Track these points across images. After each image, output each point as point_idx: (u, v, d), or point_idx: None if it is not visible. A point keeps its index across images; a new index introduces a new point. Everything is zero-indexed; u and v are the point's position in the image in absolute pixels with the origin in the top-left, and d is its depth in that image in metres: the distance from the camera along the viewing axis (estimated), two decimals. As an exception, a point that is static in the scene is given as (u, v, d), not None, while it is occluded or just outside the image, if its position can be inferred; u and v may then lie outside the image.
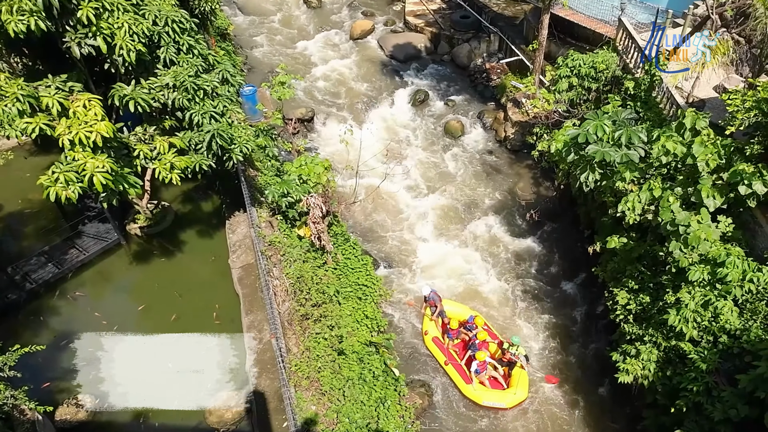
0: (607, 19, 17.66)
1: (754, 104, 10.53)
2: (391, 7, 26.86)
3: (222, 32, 21.83)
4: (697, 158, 10.19)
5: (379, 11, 26.48)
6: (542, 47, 17.50)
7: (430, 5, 25.26)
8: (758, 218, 10.07)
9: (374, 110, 20.39)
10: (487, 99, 20.44)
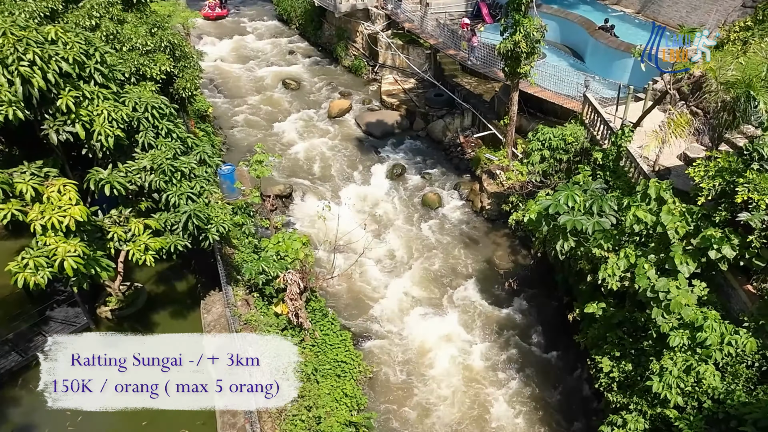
0: (573, 94, 18.85)
1: (717, 174, 11.22)
2: (368, 87, 28.35)
3: (201, 114, 22.68)
4: (666, 226, 10.68)
5: (356, 91, 27.89)
6: (513, 122, 18.54)
7: (405, 84, 26.76)
8: (731, 281, 10.42)
9: (352, 185, 20.99)
10: (463, 171, 21.27)
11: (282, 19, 37.25)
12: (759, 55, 13.23)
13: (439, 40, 24.83)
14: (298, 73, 30.06)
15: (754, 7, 17.37)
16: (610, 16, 23.69)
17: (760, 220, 9.68)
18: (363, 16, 29.70)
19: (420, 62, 26.76)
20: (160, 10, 18.79)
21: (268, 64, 31.21)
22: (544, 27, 17.02)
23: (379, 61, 28.87)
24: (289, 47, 33.44)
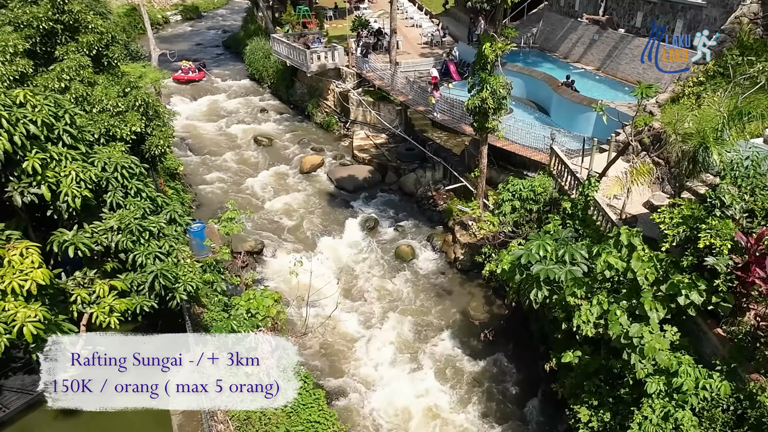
0: (541, 147, 19.65)
1: (681, 221, 11.74)
2: (340, 142, 29.03)
3: (172, 172, 22.78)
4: (636, 272, 11.03)
5: (328, 146, 28.51)
6: (484, 174, 19.16)
7: (376, 140, 27.49)
8: (701, 325, 10.71)
9: (325, 239, 21.11)
10: (436, 223, 21.65)
11: (254, 78, 38.28)
12: (712, 108, 14.21)
13: (409, 96, 25.80)
14: (269, 130, 30.64)
15: (704, 64, 18.75)
16: (571, 72, 25.10)
17: (725, 264, 10.09)
18: (334, 75, 30.77)
19: (391, 118, 27.64)
20: (131, 72, 19.20)
21: (239, 121, 31.81)
22: (510, 84, 17.94)
23: (351, 118, 29.72)
24: (260, 105, 34.22)
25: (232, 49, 45.01)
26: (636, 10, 25.20)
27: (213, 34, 51.26)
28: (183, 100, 34.93)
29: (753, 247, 9.80)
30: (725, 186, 11.10)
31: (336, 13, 43.27)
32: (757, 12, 18.38)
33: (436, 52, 32.68)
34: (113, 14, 40.02)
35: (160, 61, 36.21)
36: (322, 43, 32.42)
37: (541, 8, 33.45)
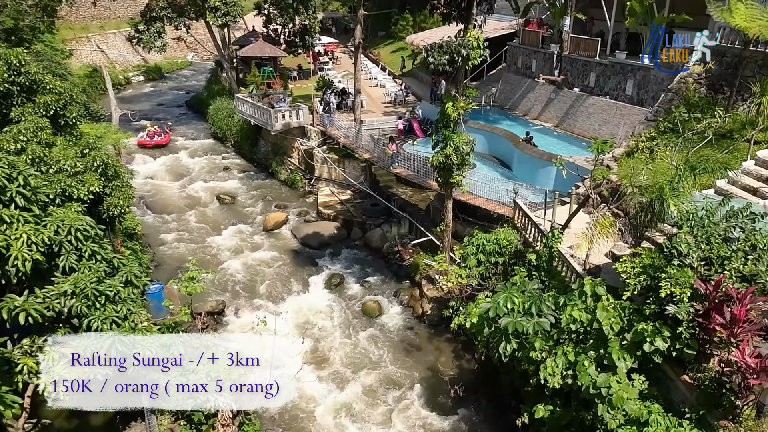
0: (504, 200, 20.27)
1: (642, 270, 12.17)
2: (304, 199, 29.23)
3: (130, 232, 22.39)
4: (602, 323, 11.28)
5: (292, 203, 28.64)
6: (449, 228, 19.55)
7: (341, 196, 27.82)
8: (668, 373, 10.91)
9: (289, 298, 20.86)
10: (402, 278, 21.74)
11: (217, 137, 38.63)
12: (665, 161, 15.07)
13: (374, 153, 26.45)
14: (232, 188, 30.68)
15: (655, 120, 19.99)
16: (531, 129, 26.34)
17: (686, 311, 10.43)
18: (299, 133, 31.38)
19: (356, 174, 28.13)
20: (91, 132, 19.18)
21: (202, 180, 31.79)
22: (473, 141, 18.67)
23: (316, 175, 30.12)
24: (223, 163, 34.38)
25: (195, 109, 45.50)
26: (589, 71, 26.94)
27: (176, 95, 51.85)
28: (144, 158, 34.81)
29: (712, 294, 10.17)
30: (682, 236, 11.60)
31: (300, 73, 44.63)
32: (701, 72, 19.90)
33: (400, 110, 33.85)
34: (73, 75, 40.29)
35: (122, 122, 36.26)
36: (287, 102, 33.29)
37: (500, 69, 35.39)
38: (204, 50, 62.43)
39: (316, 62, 45.75)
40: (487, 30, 23.75)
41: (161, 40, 36.61)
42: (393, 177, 26.78)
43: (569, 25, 28.02)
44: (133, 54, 59.39)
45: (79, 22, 57.67)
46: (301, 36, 41.41)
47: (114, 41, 58.40)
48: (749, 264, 10.69)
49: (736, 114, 17.57)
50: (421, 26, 47.68)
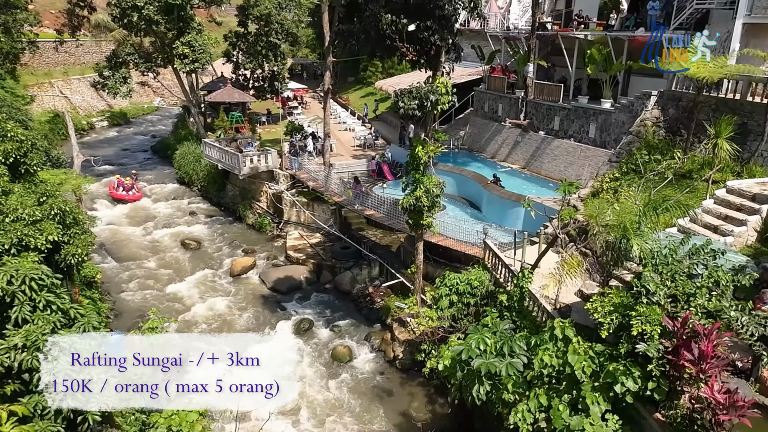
0: (474, 241, 20.52)
1: (612, 309, 12.38)
2: (273, 243, 29.00)
3: (88, 281, 21.76)
4: (574, 367, 11.36)
5: (260, 247, 28.37)
6: (420, 270, 19.62)
7: (311, 239, 27.73)
8: (641, 411, 10.96)
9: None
10: (373, 321, 21.56)
11: (183, 182, 38.36)
12: (628, 201, 15.60)
13: (343, 196, 26.60)
14: (198, 233, 30.28)
15: (618, 162, 20.79)
16: (499, 171, 27.00)
17: (656, 349, 10.59)
18: (267, 177, 31.46)
19: (325, 217, 28.16)
20: (51, 179, 18.85)
21: (166, 225, 31.34)
22: (443, 183, 19.03)
23: (284, 218, 30.05)
24: (189, 208, 34.04)
25: (160, 154, 45.29)
26: (553, 115, 28.00)
27: (141, 139, 51.60)
28: (106, 204, 34.24)
29: (680, 331, 10.38)
30: (648, 274, 11.89)
31: (269, 118, 45.11)
32: (659, 116, 20.94)
33: (369, 153, 34.35)
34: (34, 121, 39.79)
35: (84, 167, 35.73)
36: (255, 146, 33.51)
37: (467, 113, 36.48)
38: (171, 95, 62.73)
39: (285, 107, 46.38)
40: (455, 76, 24.62)
41: (126, 85, 36.68)
42: (363, 219, 26.91)
43: (533, 72, 29.24)
44: (98, 99, 59.19)
45: (42, 68, 57.45)
46: (270, 81, 42.12)
47: (78, 87, 58.19)
48: (713, 300, 10.99)
49: (694, 155, 18.45)
50: (389, 72, 49.06)
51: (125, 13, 32.57)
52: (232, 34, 40.67)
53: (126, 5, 32.17)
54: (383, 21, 17.73)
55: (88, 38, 60.81)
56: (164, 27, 34.13)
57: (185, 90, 39.53)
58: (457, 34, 19.77)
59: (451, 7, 17.46)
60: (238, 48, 40.92)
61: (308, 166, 30.80)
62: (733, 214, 14.90)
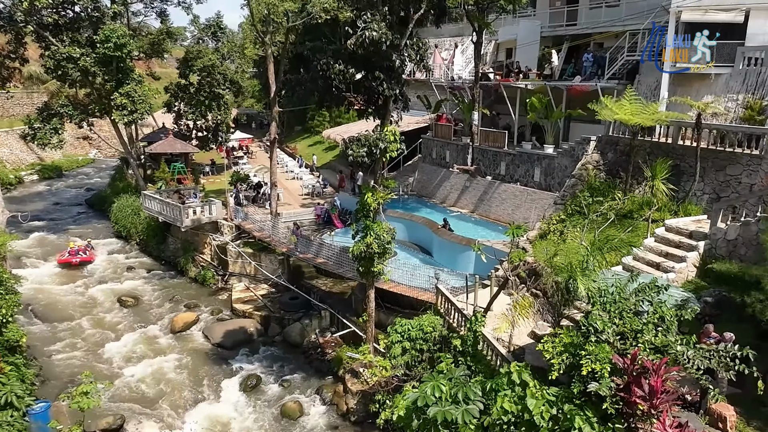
0: (426, 286, 20.67)
1: (563, 349, 12.64)
2: (217, 296, 28.27)
3: (12, 345, 20.45)
4: (533, 412, 11.45)
5: (204, 302, 27.56)
6: (372, 318, 19.54)
7: (257, 291, 27.21)
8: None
9: (200, 405, 19.52)
10: (325, 373, 21.08)
11: (121, 236, 37.23)
12: (575, 242, 16.23)
13: (291, 246, 26.41)
14: (136, 289, 29.19)
15: (563, 204, 21.70)
16: (448, 215, 27.61)
17: (608, 387, 10.83)
18: (211, 229, 30.96)
19: (273, 268, 27.78)
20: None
21: (101, 282, 30.10)
22: (393, 229, 19.26)
23: (229, 270, 29.48)
24: (127, 263, 32.89)
25: (96, 208, 43.91)
26: (499, 160, 29.15)
27: (75, 193, 49.91)
28: (34, 262, 32.61)
29: (630, 367, 10.68)
30: (596, 312, 12.27)
31: (213, 168, 44.80)
32: (598, 160, 22.15)
33: (317, 202, 34.49)
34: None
35: (10, 224, 34.05)
36: (198, 197, 33.08)
37: (416, 160, 37.43)
38: (109, 147, 61.36)
39: (229, 157, 46.25)
40: (403, 124, 25.40)
41: (58, 136, 35.64)
42: (313, 268, 26.73)
43: (478, 119, 30.54)
44: (27, 152, 57.24)
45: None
46: (214, 132, 42.09)
47: (5, 140, 56.17)
48: (660, 335, 11.41)
49: (633, 196, 19.55)
50: (337, 121, 50.00)
51: (60, 65, 32.07)
52: (173, 85, 40.71)
53: (61, 57, 31.73)
54: (331, 71, 18.25)
55: (18, 90, 59.38)
56: (102, 78, 33.80)
57: (124, 141, 38.86)
58: (404, 85, 20.54)
59: (398, 60, 18.18)
60: (180, 99, 40.92)
61: (254, 216, 30.55)
62: (673, 251, 15.74)
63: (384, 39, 17.20)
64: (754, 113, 19.01)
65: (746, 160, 17.33)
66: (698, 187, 18.44)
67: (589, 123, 24.67)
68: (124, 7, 37.56)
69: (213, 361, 22.24)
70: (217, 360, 22.33)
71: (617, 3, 28.56)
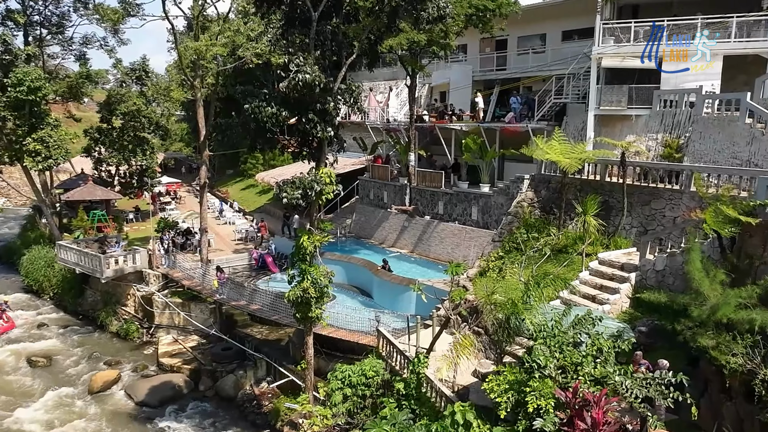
0: (367, 330, 20.56)
1: (507, 387, 12.84)
2: (141, 351, 26.97)
3: None
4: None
5: (127, 358, 26.22)
6: (311, 365, 19.16)
7: (187, 343, 26.20)
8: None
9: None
10: (261, 427, 20.43)
11: (31, 290, 35.16)
12: (513, 278, 16.75)
13: (223, 294, 25.75)
14: (49, 348, 27.41)
15: (501, 241, 22.41)
16: (388, 256, 27.82)
17: (552, 423, 11.05)
18: (135, 279, 29.82)
19: (204, 318, 26.90)
20: None
21: (8, 342, 27.97)
22: (331, 272, 19.18)
23: (156, 322, 28.35)
24: (38, 320, 30.93)
25: (3, 260, 41.36)
26: (437, 200, 29.89)
27: (-22, 246, 46.76)
28: None
29: (572, 401, 10.96)
30: (538, 347, 12.60)
31: (138, 215, 43.46)
32: (533, 197, 23.18)
33: (251, 247, 33.95)
34: None
35: None
36: (121, 246, 31.97)
37: (353, 201, 37.74)
38: (20, 195, 58.19)
39: (156, 203, 44.99)
40: (339, 166, 25.68)
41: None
42: (247, 316, 26.08)
43: (414, 160, 31.38)
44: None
45: None
46: (139, 177, 40.97)
47: None
48: (599, 367, 11.83)
49: (567, 231, 20.50)
50: (271, 164, 49.92)
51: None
52: (94, 129, 39.55)
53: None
54: (263, 114, 18.35)
55: None
56: (13, 123, 32.38)
57: (37, 189, 37.07)
58: (339, 127, 20.91)
59: (331, 102, 18.55)
60: (102, 143, 39.74)
61: (183, 263, 29.64)
62: (607, 283, 16.52)
63: (317, 82, 17.54)
64: (672, 151, 20.62)
65: (668, 195, 18.64)
66: (627, 221, 19.59)
67: (522, 162, 25.86)
68: (39, 50, 36.41)
69: (137, 422, 21.01)
70: (142, 420, 21.11)
71: (543, 50, 30.66)
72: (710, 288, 12.14)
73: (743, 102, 18.79)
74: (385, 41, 24.71)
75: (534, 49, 31.27)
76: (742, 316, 11.15)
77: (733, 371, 10.81)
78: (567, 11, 28.82)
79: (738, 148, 18.70)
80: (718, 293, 12.01)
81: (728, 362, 10.80)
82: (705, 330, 11.56)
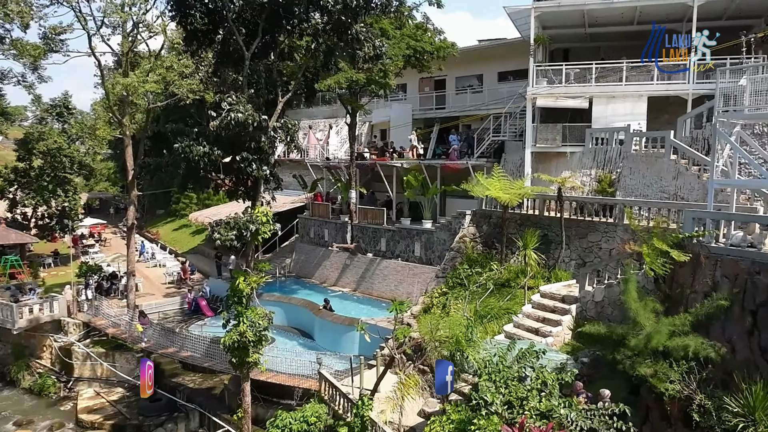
0: (308, 373, 20.14)
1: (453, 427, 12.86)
2: (58, 407, 25.32)
3: None
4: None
5: (41, 415, 24.53)
6: (248, 414, 18.52)
7: (110, 396, 24.89)
8: None
9: None
10: (196, 486, 19.37)
11: None
12: (458, 314, 16.97)
13: (151, 342, 24.76)
14: (-50, 409, 25.19)
15: (444, 277, 22.74)
16: (329, 295, 27.63)
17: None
18: (52, 328, 28.27)
19: (130, 368, 25.61)
20: None
21: None
22: (270, 314, 18.85)
23: (75, 375, 26.79)
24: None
25: None
26: (380, 237, 30.13)
27: None
28: None
29: (519, 436, 11.13)
30: (484, 384, 12.76)
31: (57, 259, 41.57)
32: (475, 232, 23.76)
33: (183, 290, 32.93)
34: None
35: None
36: (37, 294, 30.41)
37: (293, 240, 37.43)
38: None
39: (77, 246, 43.06)
40: (277, 204, 25.54)
41: None
42: (178, 364, 25.05)
43: (356, 197, 31.65)
44: None
45: None
46: (59, 219, 39.28)
47: None
48: (544, 401, 12.10)
49: (509, 265, 21.07)
50: (205, 203, 48.98)
51: None
52: (8, 169, 37.78)
53: None
54: (194, 153, 18.14)
55: None
56: None
57: (-61, 234, 34.86)
58: (276, 165, 20.88)
59: (266, 141, 18.56)
60: (17, 184, 37.97)
61: (108, 310, 28.32)
62: (549, 315, 17.00)
63: (251, 120, 17.56)
64: (605, 185, 21.80)
65: (603, 228, 19.60)
66: (566, 254, 20.37)
67: (463, 198, 26.58)
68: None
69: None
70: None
71: (481, 89, 32.07)
72: (645, 317, 12.74)
73: (668, 139, 20.26)
74: (323, 80, 25.22)
75: (472, 88, 32.63)
76: (677, 343, 11.74)
77: (671, 398, 11.29)
78: (502, 54, 30.48)
79: (665, 182, 20.01)
80: (652, 322, 12.62)
81: (666, 389, 11.29)
82: (643, 359, 12.07)
